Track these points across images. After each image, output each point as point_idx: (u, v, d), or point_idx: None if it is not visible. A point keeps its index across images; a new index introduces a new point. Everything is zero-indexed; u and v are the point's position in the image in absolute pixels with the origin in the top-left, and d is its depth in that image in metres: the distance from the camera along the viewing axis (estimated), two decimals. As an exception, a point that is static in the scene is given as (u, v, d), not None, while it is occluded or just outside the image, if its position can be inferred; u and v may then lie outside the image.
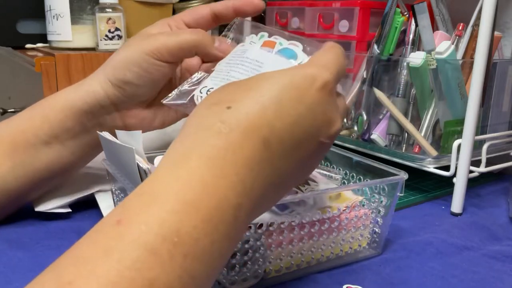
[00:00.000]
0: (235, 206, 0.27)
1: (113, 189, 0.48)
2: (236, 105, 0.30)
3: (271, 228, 0.38)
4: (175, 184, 0.26)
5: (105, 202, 0.51)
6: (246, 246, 0.38)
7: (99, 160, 0.48)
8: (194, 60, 0.49)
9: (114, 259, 0.23)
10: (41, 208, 0.50)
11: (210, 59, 0.46)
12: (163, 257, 0.23)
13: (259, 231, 0.38)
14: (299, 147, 0.31)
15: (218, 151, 0.28)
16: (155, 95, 0.48)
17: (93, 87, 0.46)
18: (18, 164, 0.46)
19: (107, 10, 0.92)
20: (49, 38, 0.96)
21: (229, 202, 0.27)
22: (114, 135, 0.42)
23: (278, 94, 0.30)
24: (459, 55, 0.63)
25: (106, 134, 0.42)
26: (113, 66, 0.46)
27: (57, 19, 0.93)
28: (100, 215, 0.50)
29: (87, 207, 0.52)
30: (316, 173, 0.48)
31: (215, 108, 0.30)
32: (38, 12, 1.00)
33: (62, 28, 0.93)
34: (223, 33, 0.46)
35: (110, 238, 0.24)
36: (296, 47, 0.39)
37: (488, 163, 0.60)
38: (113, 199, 0.49)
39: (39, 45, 1.05)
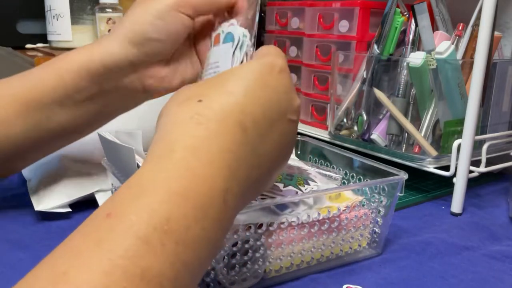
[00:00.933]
0: (224, 190, 0.28)
1: (113, 189, 0.48)
2: (206, 98, 0.31)
3: (271, 228, 0.38)
4: (163, 175, 0.27)
5: (105, 202, 0.51)
6: (246, 246, 0.38)
7: (99, 160, 0.48)
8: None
9: (106, 249, 0.23)
10: (42, 207, 0.50)
11: (229, 12, 0.44)
12: (154, 245, 0.24)
13: (259, 231, 0.38)
14: (272, 127, 0.33)
15: (202, 140, 0.29)
16: (173, 51, 0.46)
17: (110, 48, 0.44)
18: (31, 124, 0.45)
19: (107, 10, 0.92)
20: (49, 38, 0.96)
21: (218, 187, 0.28)
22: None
23: (245, 83, 0.32)
24: (459, 55, 0.63)
25: (106, 134, 0.42)
26: (132, 22, 0.44)
27: (57, 19, 0.93)
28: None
29: (87, 207, 0.52)
30: (316, 173, 0.48)
31: (187, 103, 0.31)
32: (38, 12, 1.00)
33: (62, 28, 0.93)
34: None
35: (101, 230, 0.24)
36: (233, 25, 0.39)
37: (488, 163, 0.60)
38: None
39: (39, 45, 1.05)
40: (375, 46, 0.68)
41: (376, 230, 0.46)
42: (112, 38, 0.45)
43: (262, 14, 0.94)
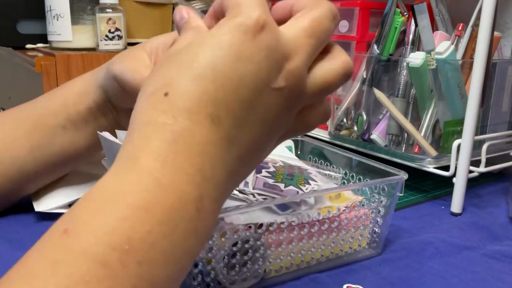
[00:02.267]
0: (196, 199, 0.25)
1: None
2: (173, 89, 0.27)
3: (271, 228, 0.39)
4: (125, 188, 0.24)
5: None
6: (246, 246, 0.38)
7: (99, 160, 0.48)
8: None
9: (62, 274, 0.22)
10: (42, 208, 0.50)
11: None
12: (114, 268, 0.22)
13: (259, 231, 0.38)
14: (252, 108, 0.28)
15: (168, 145, 0.25)
16: None
17: (112, 72, 0.45)
18: (36, 146, 0.47)
19: (107, 10, 0.92)
20: (49, 38, 0.97)
21: (188, 197, 0.25)
22: (115, 133, 0.42)
23: (212, 59, 0.27)
24: (459, 55, 0.63)
25: (106, 134, 0.42)
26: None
27: (57, 19, 0.93)
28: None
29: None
30: (316, 173, 0.48)
31: (153, 99, 0.27)
32: (38, 12, 1.00)
33: (62, 28, 0.93)
34: None
35: (58, 250, 0.23)
36: None
37: (488, 163, 0.60)
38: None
39: (39, 45, 1.06)
40: (375, 46, 0.68)
41: (376, 230, 0.46)
42: (116, 63, 0.44)
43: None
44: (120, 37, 0.94)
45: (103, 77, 0.46)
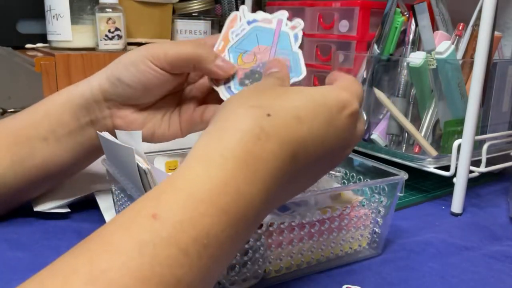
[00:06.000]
0: (257, 213, 0.29)
1: (113, 189, 0.48)
2: (275, 114, 0.31)
3: (271, 228, 0.38)
4: (211, 186, 0.27)
5: (105, 202, 0.51)
6: (246, 246, 0.38)
7: (99, 160, 0.48)
8: (204, 80, 0.49)
9: (148, 254, 0.24)
10: (40, 208, 0.50)
11: (208, 75, 0.45)
12: (192, 257, 0.25)
13: (259, 231, 0.38)
14: (316, 163, 0.33)
15: (254, 159, 0.29)
16: (151, 102, 0.47)
17: (92, 82, 0.46)
18: (17, 159, 0.46)
19: (107, 10, 0.92)
20: (49, 38, 0.96)
21: (253, 209, 0.29)
22: (113, 135, 0.42)
23: (314, 111, 0.32)
24: (459, 55, 0.63)
25: (106, 134, 0.42)
26: (115, 63, 0.46)
27: (57, 19, 0.93)
28: (100, 215, 0.50)
29: (87, 207, 0.52)
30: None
31: (255, 112, 0.31)
32: (38, 12, 0.99)
33: (62, 28, 0.93)
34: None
35: (145, 232, 0.25)
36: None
37: (488, 163, 0.60)
38: (113, 199, 0.49)
39: (39, 45, 1.05)
40: (375, 46, 0.68)
41: (376, 230, 0.46)
42: (97, 75, 0.46)
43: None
44: (120, 37, 0.94)
45: (104, 77, 0.45)
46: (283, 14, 0.44)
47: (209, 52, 0.44)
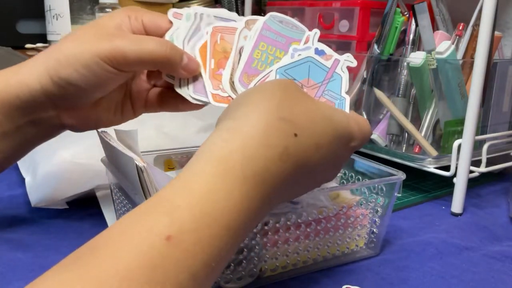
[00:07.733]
0: (257, 223, 0.31)
1: (112, 187, 0.47)
2: (301, 135, 0.32)
3: (266, 227, 0.38)
4: (228, 207, 0.27)
5: (105, 200, 0.51)
6: (241, 245, 0.37)
7: (97, 156, 0.47)
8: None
9: (158, 282, 0.24)
10: (38, 203, 0.50)
11: (173, 75, 0.40)
12: (200, 280, 0.25)
13: (254, 230, 0.38)
14: (309, 178, 0.35)
15: (272, 178, 0.30)
16: (102, 96, 0.41)
17: (29, 79, 0.38)
18: None
19: (107, 10, 0.92)
20: (49, 38, 0.97)
21: (256, 223, 0.31)
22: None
23: (330, 142, 0.34)
24: (459, 55, 0.63)
25: (106, 134, 0.42)
26: (57, 60, 0.37)
27: (56, 19, 0.93)
28: (100, 215, 0.49)
29: (87, 207, 0.52)
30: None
31: (284, 128, 0.31)
32: (38, 12, 1.00)
33: (62, 28, 0.93)
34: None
35: (157, 256, 0.24)
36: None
37: (488, 163, 0.59)
38: (112, 198, 0.48)
39: (39, 45, 1.06)
40: (375, 46, 0.68)
41: (374, 230, 0.46)
42: (34, 69, 0.38)
43: (262, 14, 0.94)
44: (120, 37, 0.93)
45: (46, 77, 0.38)
46: (343, 56, 0.42)
47: (176, 52, 0.38)
